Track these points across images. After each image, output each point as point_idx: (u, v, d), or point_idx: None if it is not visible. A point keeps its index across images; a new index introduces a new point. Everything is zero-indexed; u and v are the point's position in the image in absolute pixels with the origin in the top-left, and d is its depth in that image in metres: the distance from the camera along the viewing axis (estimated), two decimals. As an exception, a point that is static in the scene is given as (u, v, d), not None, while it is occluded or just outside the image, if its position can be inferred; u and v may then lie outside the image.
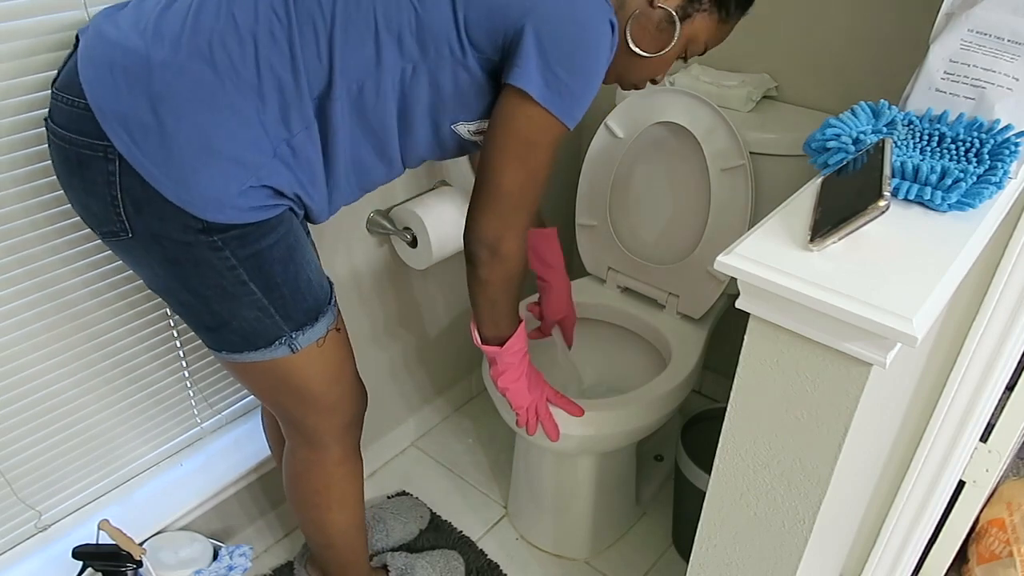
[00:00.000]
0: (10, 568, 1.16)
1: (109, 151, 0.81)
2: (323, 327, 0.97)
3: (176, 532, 1.30)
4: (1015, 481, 1.27)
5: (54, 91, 0.85)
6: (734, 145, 1.30)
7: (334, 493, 1.13)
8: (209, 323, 0.92)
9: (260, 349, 0.93)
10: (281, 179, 0.86)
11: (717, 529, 0.83)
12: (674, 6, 0.91)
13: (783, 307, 0.64)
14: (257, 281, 0.89)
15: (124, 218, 0.84)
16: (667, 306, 1.47)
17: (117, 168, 0.81)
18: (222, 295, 0.88)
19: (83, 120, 0.81)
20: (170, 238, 0.84)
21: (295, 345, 0.94)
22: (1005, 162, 0.71)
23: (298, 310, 0.93)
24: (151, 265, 0.89)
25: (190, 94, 0.80)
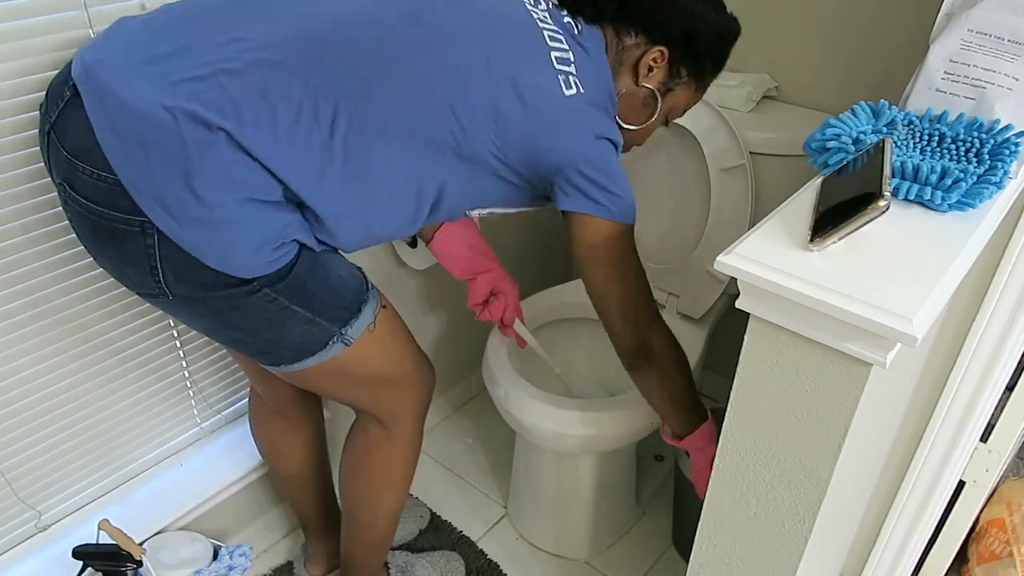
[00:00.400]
0: (10, 568, 1.16)
1: (147, 227, 0.82)
2: (369, 313, 0.98)
3: (176, 532, 1.30)
4: (1015, 481, 1.26)
5: (70, 158, 0.82)
6: (734, 145, 1.30)
7: (398, 471, 1.16)
8: (262, 348, 0.94)
9: (316, 354, 0.95)
10: (303, 231, 0.89)
11: (717, 529, 0.83)
12: (656, 84, 1.00)
13: (783, 307, 0.63)
14: (297, 301, 0.90)
15: (164, 284, 0.86)
16: (667, 306, 1.47)
17: (156, 241, 0.83)
18: (269, 324, 0.91)
19: (115, 196, 0.81)
20: (212, 296, 0.87)
21: (347, 339, 0.96)
22: (1005, 162, 0.71)
23: (340, 308, 0.95)
24: (192, 320, 0.93)
25: (225, 170, 0.81)
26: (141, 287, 0.89)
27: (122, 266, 0.88)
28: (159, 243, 0.83)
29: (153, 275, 0.86)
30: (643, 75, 0.99)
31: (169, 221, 0.81)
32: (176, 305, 0.90)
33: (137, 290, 0.91)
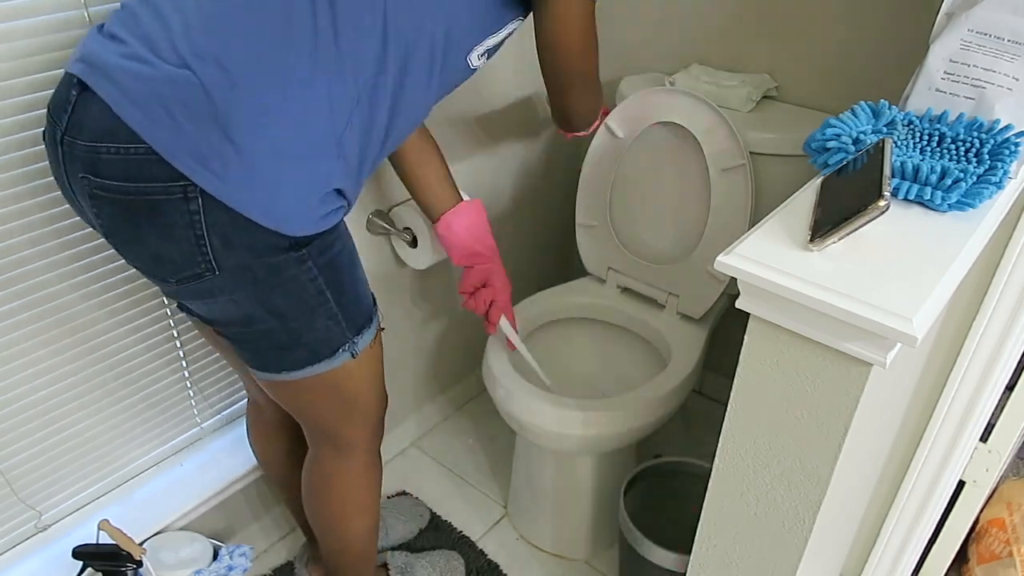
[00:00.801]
0: (10, 568, 1.16)
1: (189, 190, 0.77)
2: (375, 328, 0.98)
3: (176, 532, 1.30)
4: (1015, 481, 1.26)
5: (91, 145, 0.78)
6: (734, 145, 1.30)
7: (359, 500, 1.14)
8: (282, 342, 0.91)
9: (324, 360, 0.93)
10: (344, 178, 0.86)
11: (717, 529, 0.83)
12: None
13: (783, 307, 0.64)
14: (332, 288, 0.89)
15: (211, 256, 0.81)
16: (667, 306, 1.47)
17: (200, 206, 0.78)
18: (301, 308, 0.88)
19: (147, 165, 0.77)
20: (260, 262, 0.83)
21: (355, 350, 0.95)
22: (1005, 162, 0.71)
23: (359, 314, 0.95)
24: (234, 297, 0.86)
25: (256, 108, 0.77)
26: (183, 268, 0.83)
27: (162, 247, 0.81)
28: (204, 207, 0.78)
29: (199, 246, 0.80)
30: None
31: (211, 178, 0.77)
32: (221, 283, 0.84)
33: (177, 275, 0.84)
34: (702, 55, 1.53)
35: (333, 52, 0.80)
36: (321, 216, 0.84)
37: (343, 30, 0.80)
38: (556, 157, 1.79)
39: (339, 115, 0.82)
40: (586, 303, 1.53)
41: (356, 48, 0.81)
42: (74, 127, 0.79)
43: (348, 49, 0.81)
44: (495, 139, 1.61)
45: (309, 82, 0.79)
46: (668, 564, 1.20)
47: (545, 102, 1.20)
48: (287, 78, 0.79)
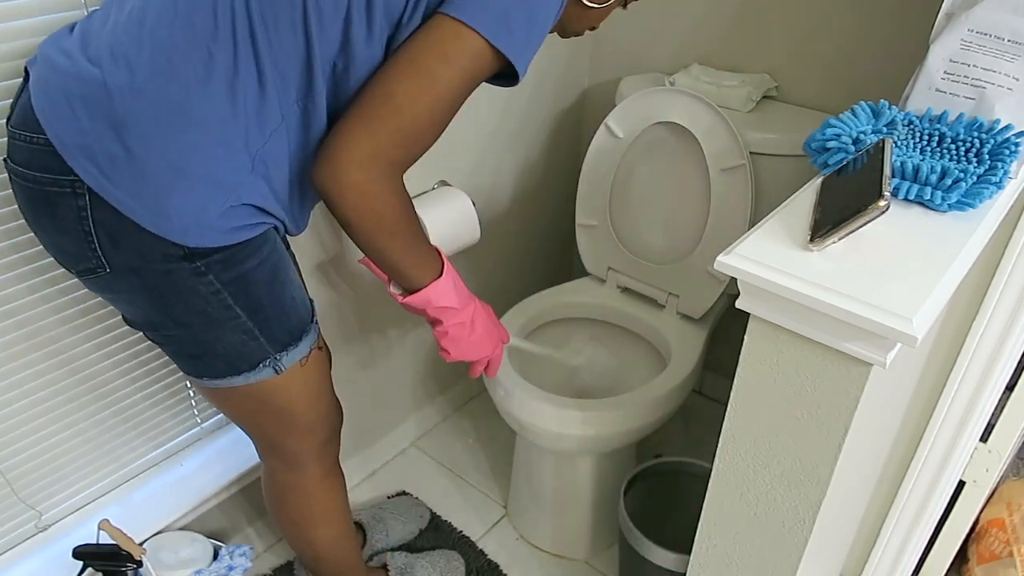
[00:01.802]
0: (10, 568, 1.16)
1: (77, 186, 0.77)
2: (306, 346, 0.94)
3: (176, 532, 1.30)
4: (1015, 481, 1.26)
5: (10, 129, 0.80)
6: (734, 145, 1.30)
7: (317, 510, 1.11)
8: (192, 351, 0.89)
9: (244, 373, 0.90)
10: (261, 195, 0.82)
11: (717, 529, 0.83)
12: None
13: (783, 307, 0.64)
14: (242, 304, 0.85)
15: (100, 253, 0.80)
16: (667, 306, 1.47)
17: (88, 202, 0.77)
18: (207, 321, 0.85)
19: (45, 156, 0.77)
20: (150, 268, 0.80)
21: (279, 366, 0.92)
22: (1005, 162, 0.71)
23: (282, 331, 0.90)
24: (131, 299, 0.86)
25: (155, 116, 0.76)
26: (78, 261, 0.82)
27: (58, 237, 0.82)
28: (91, 204, 0.77)
29: (88, 242, 0.79)
30: None
31: (96, 175, 0.76)
32: (115, 283, 0.83)
33: (75, 267, 0.84)
34: (702, 55, 1.53)
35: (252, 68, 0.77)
36: (225, 229, 0.80)
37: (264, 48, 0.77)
38: (556, 157, 1.79)
39: (254, 132, 0.79)
40: (586, 303, 1.53)
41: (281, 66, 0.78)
42: (11, 113, 0.82)
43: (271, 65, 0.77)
44: (495, 139, 1.61)
45: (221, 95, 0.77)
46: (668, 564, 1.20)
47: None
48: (196, 92, 0.76)
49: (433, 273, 0.94)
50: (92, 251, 0.80)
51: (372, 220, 0.82)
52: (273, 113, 0.79)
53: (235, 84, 0.77)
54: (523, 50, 0.81)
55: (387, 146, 0.79)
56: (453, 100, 0.81)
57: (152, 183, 0.76)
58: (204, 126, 0.77)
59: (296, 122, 0.82)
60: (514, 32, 0.78)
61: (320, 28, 0.77)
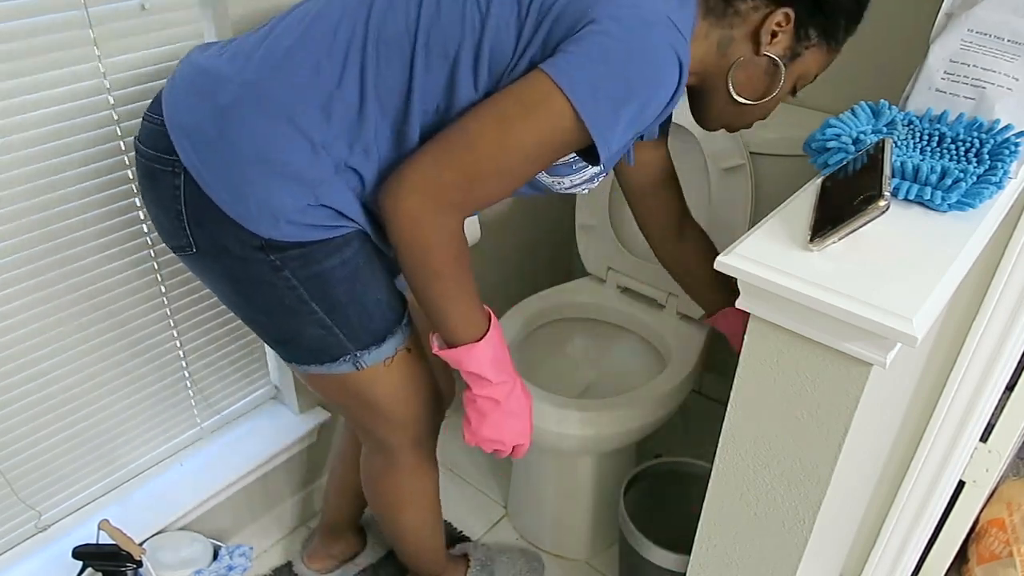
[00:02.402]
0: (10, 568, 1.16)
1: (176, 165, 0.83)
2: (391, 347, 0.94)
3: (176, 532, 1.30)
4: (1015, 481, 1.26)
5: (145, 114, 0.88)
6: (734, 145, 1.30)
7: (406, 497, 1.13)
8: (277, 336, 0.93)
9: (326, 363, 0.93)
10: (345, 201, 0.84)
11: (717, 529, 0.83)
12: (780, 52, 0.84)
13: (783, 307, 0.64)
14: (320, 301, 0.87)
15: (188, 232, 0.86)
16: (667, 306, 1.47)
17: (182, 181, 0.83)
18: (285, 312, 0.88)
19: (158, 136, 0.84)
20: (230, 254, 0.85)
21: (360, 363, 0.93)
22: (1005, 162, 0.71)
23: (364, 330, 0.91)
24: (216, 281, 0.91)
25: (253, 105, 0.81)
26: (172, 237, 0.89)
27: (157, 212, 0.89)
28: (185, 183, 0.83)
29: (179, 220, 0.85)
30: (765, 43, 0.83)
31: (191, 155, 0.82)
32: (201, 263, 0.89)
33: (171, 242, 0.90)
34: (702, 55, 1.52)
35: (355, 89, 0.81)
36: (302, 225, 0.83)
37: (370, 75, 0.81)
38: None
39: (342, 144, 0.82)
40: (586, 303, 1.53)
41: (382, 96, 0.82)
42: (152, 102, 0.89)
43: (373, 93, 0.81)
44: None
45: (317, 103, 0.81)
46: (668, 564, 1.20)
47: None
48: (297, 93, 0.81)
49: (475, 333, 0.87)
50: (182, 228, 0.86)
51: (419, 251, 0.79)
52: (367, 133, 0.82)
53: (334, 97, 0.81)
54: (607, 126, 0.76)
55: (449, 180, 0.77)
56: (525, 154, 0.78)
57: (237, 168, 0.81)
58: (295, 124, 0.80)
59: (387, 146, 0.84)
60: (600, 104, 0.75)
61: (426, 71, 0.81)
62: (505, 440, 0.95)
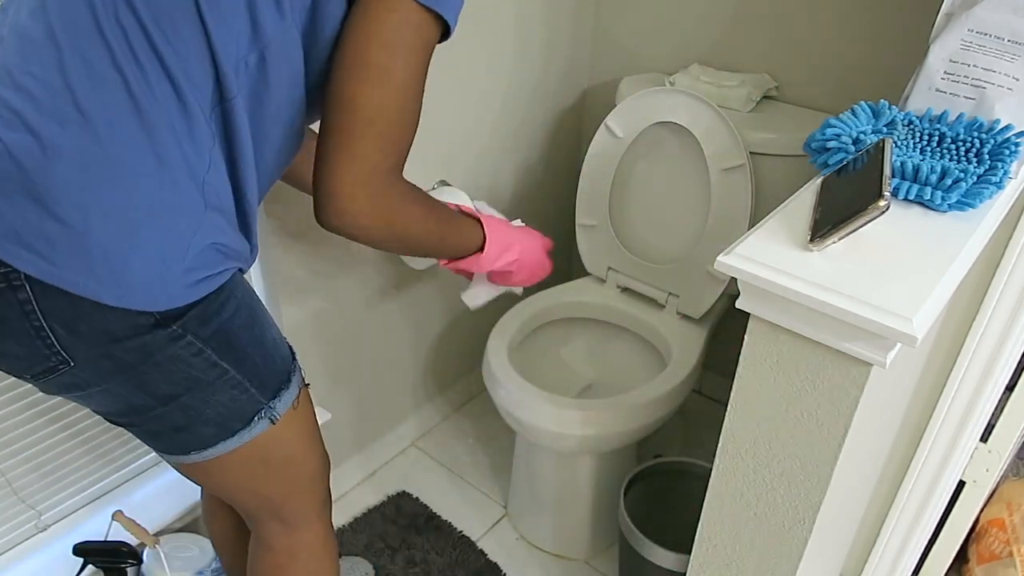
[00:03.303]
0: (10, 568, 1.16)
1: (12, 277, 0.66)
2: (296, 386, 0.86)
3: (176, 533, 1.30)
4: (1015, 481, 1.26)
5: None
6: (734, 145, 1.30)
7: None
8: (179, 423, 0.77)
9: (238, 433, 0.80)
10: (219, 229, 0.72)
11: (717, 529, 0.83)
12: None
13: (783, 307, 0.64)
14: (228, 358, 0.76)
15: (59, 348, 0.69)
16: (667, 306, 1.47)
17: (30, 294, 0.66)
18: (194, 387, 0.75)
19: None
20: (121, 347, 0.70)
21: (274, 415, 0.82)
22: (1005, 162, 0.71)
23: (271, 375, 0.81)
24: (105, 389, 0.74)
25: (80, 176, 0.64)
26: (33, 364, 0.70)
27: (2, 344, 0.69)
28: (34, 294, 0.66)
29: (42, 338, 0.68)
30: None
31: (35, 260, 0.65)
32: (81, 374, 0.72)
33: (30, 371, 0.72)
34: (702, 55, 1.53)
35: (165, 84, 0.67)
36: (194, 282, 0.71)
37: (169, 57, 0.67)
38: (556, 157, 1.79)
39: (194, 155, 0.69)
40: (586, 303, 1.53)
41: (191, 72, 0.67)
42: None
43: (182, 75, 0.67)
44: (495, 139, 1.61)
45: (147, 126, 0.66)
46: (668, 564, 1.20)
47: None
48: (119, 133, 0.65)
49: (475, 239, 0.93)
50: (49, 347, 0.69)
51: (400, 231, 0.78)
52: (202, 128, 0.69)
53: (155, 108, 0.66)
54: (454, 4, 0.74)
55: (375, 159, 0.73)
56: (416, 82, 0.74)
57: (102, 253, 0.66)
58: (140, 170, 0.66)
59: (220, 132, 0.71)
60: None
61: (221, 20, 0.67)
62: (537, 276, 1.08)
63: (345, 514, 1.58)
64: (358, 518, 1.57)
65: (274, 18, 0.69)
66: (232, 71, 0.69)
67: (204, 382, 0.75)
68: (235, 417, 0.79)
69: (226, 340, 0.75)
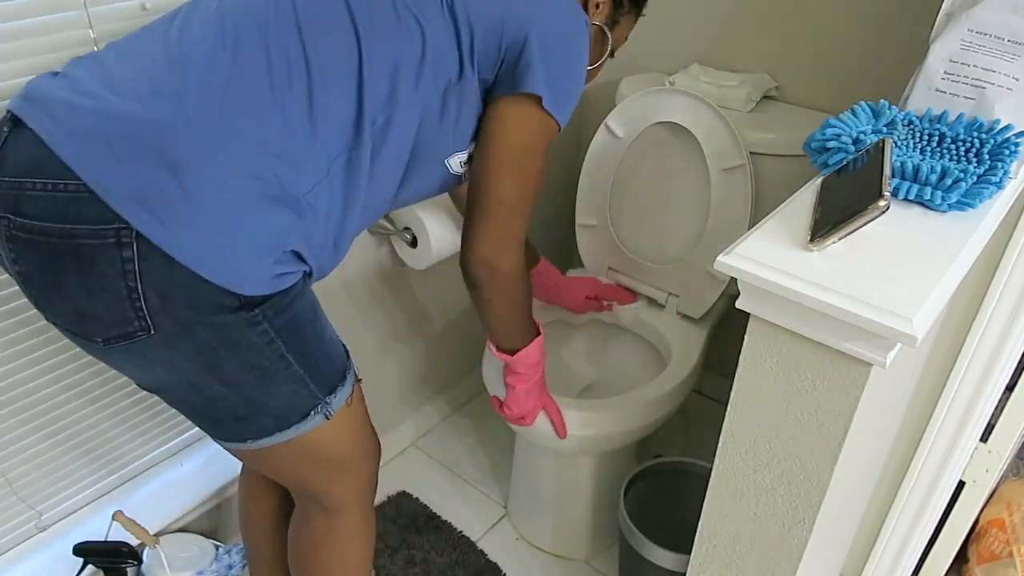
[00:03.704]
0: (10, 568, 1.16)
1: (123, 234, 0.69)
2: (350, 384, 0.91)
3: (176, 533, 1.30)
4: (1015, 481, 1.26)
5: (14, 181, 0.70)
6: (734, 145, 1.30)
7: (351, 561, 1.04)
8: (240, 412, 0.82)
9: (294, 425, 0.84)
10: (303, 241, 0.80)
11: (717, 529, 0.83)
12: (603, 20, 1.01)
13: (783, 307, 0.63)
14: (293, 350, 0.81)
15: (145, 313, 0.72)
16: (667, 306, 1.47)
17: (135, 253, 0.69)
18: (259, 375, 0.79)
19: (79, 204, 0.68)
20: (205, 324, 0.74)
21: (329, 411, 0.87)
22: (1005, 162, 0.71)
23: (330, 372, 0.87)
24: (172, 363, 0.77)
25: (213, 154, 0.72)
26: (112, 326, 0.73)
27: (88, 300, 0.72)
28: (139, 254, 0.69)
29: (132, 300, 0.71)
30: (592, 13, 0.99)
31: (152, 222, 0.69)
32: (156, 345, 0.74)
33: (105, 334, 0.74)
34: (702, 55, 1.53)
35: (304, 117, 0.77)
36: (277, 275, 0.77)
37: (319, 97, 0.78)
38: (556, 157, 1.79)
39: (303, 179, 0.78)
40: (586, 303, 1.52)
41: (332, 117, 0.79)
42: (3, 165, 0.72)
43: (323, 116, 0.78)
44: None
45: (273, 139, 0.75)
46: (668, 564, 1.20)
47: None
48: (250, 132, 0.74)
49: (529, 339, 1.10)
50: (136, 311, 0.72)
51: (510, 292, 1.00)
52: (320, 163, 0.79)
53: (287, 130, 0.76)
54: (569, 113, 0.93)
55: (512, 233, 0.95)
56: (543, 171, 0.94)
57: (213, 226, 0.72)
58: (260, 169, 0.75)
59: (340, 174, 0.81)
60: (565, 102, 0.91)
61: (372, 81, 0.80)
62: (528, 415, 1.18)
63: (345, 514, 1.58)
64: (358, 518, 1.57)
65: (409, 91, 0.83)
66: (369, 124, 0.81)
67: (270, 372, 0.80)
68: (293, 410, 0.84)
69: (294, 333, 0.80)
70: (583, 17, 0.92)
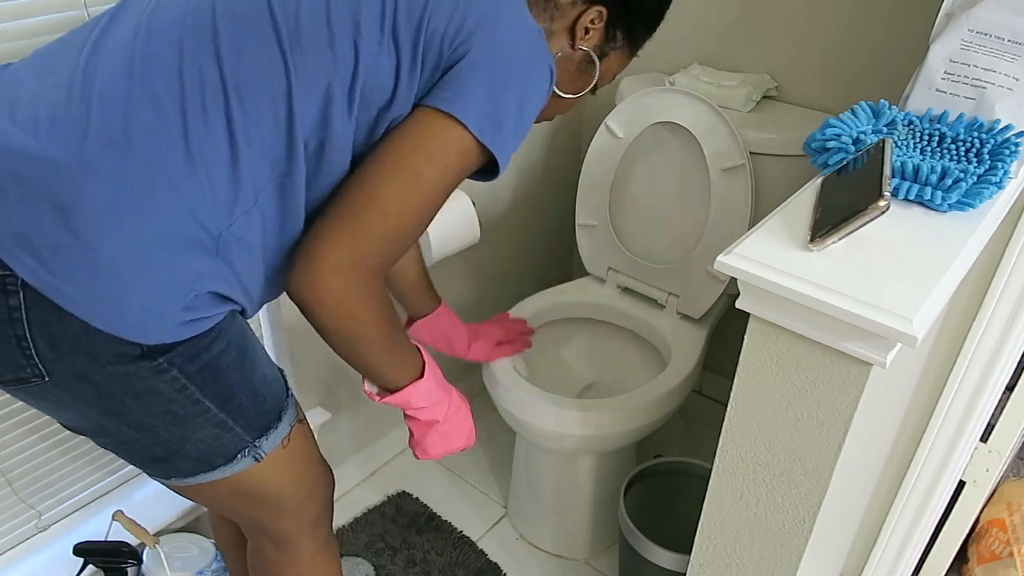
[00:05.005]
0: (10, 568, 1.16)
1: (8, 282, 0.65)
2: (287, 425, 0.84)
3: (177, 533, 1.30)
4: (1015, 481, 1.26)
5: None
6: (734, 145, 1.30)
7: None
8: (157, 454, 0.77)
9: (219, 468, 0.79)
10: (225, 282, 0.72)
11: (717, 529, 0.83)
12: (593, 47, 0.88)
13: (783, 307, 0.64)
14: (211, 396, 0.75)
15: (37, 360, 0.68)
16: (667, 306, 1.47)
17: (21, 301, 0.65)
18: (172, 421, 0.74)
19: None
20: (102, 373, 0.69)
21: (259, 454, 0.81)
22: (1005, 162, 0.71)
23: (259, 415, 0.80)
24: (76, 408, 0.73)
25: (109, 197, 0.65)
26: (5, 371, 0.69)
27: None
28: (25, 303, 0.65)
29: (22, 348, 0.67)
30: (580, 37, 0.86)
31: (38, 270, 0.64)
32: (54, 390, 0.70)
33: (1, 376, 0.70)
34: (702, 55, 1.53)
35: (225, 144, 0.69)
36: (186, 321, 0.70)
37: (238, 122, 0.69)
38: (556, 157, 1.79)
39: (221, 213, 0.70)
40: (586, 303, 1.53)
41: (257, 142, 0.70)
42: None
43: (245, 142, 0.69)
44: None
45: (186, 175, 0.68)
46: (668, 564, 1.20)
47: None
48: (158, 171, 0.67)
49: (414, 373, 0.87)
50: (26, 358, 0.68)
51: (351, 329, 0.75)
52: (246, 194, 0.71)
53: (201, 162, 0.68)
54: (509, 147, 0.77)
55: (369, 252, 0.72)
56: (438, 200, 0.76)
57: (107, 276, 0.66)
58: (166, 210, 0.67)
59: (271, 204, 0.73)
60: (502, 128, 0.75)
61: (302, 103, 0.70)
62: (453, 449, 0.97)
63: (345, 514, 1.58)
64: (358, 518, 1.57)
65: (342, 116, 0.72)
66: (301, 148, 0.71)
67: (184, 417, 0.74)
68: (216, 453, 0.78)
69: (212, 378, 0.74)
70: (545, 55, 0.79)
